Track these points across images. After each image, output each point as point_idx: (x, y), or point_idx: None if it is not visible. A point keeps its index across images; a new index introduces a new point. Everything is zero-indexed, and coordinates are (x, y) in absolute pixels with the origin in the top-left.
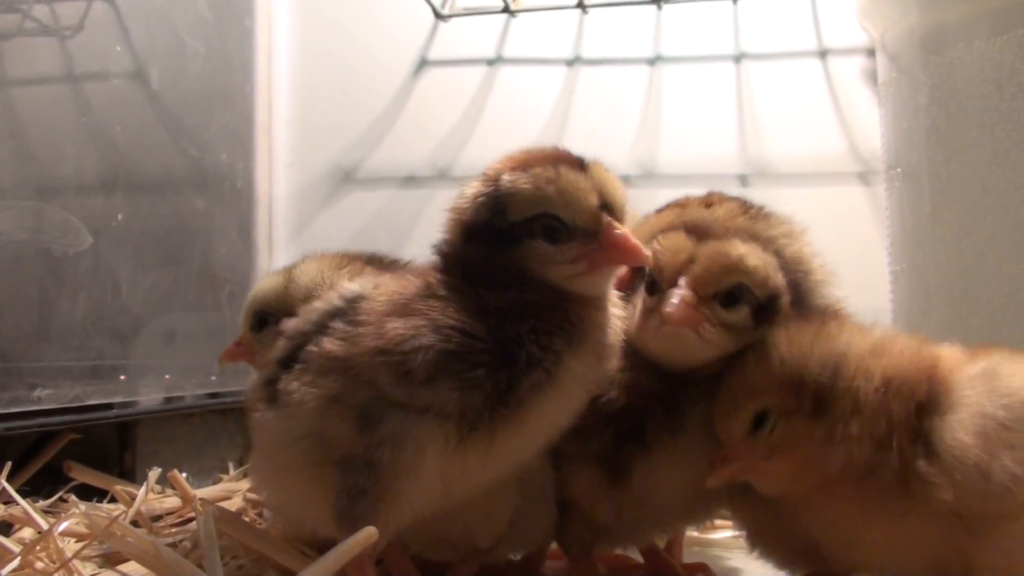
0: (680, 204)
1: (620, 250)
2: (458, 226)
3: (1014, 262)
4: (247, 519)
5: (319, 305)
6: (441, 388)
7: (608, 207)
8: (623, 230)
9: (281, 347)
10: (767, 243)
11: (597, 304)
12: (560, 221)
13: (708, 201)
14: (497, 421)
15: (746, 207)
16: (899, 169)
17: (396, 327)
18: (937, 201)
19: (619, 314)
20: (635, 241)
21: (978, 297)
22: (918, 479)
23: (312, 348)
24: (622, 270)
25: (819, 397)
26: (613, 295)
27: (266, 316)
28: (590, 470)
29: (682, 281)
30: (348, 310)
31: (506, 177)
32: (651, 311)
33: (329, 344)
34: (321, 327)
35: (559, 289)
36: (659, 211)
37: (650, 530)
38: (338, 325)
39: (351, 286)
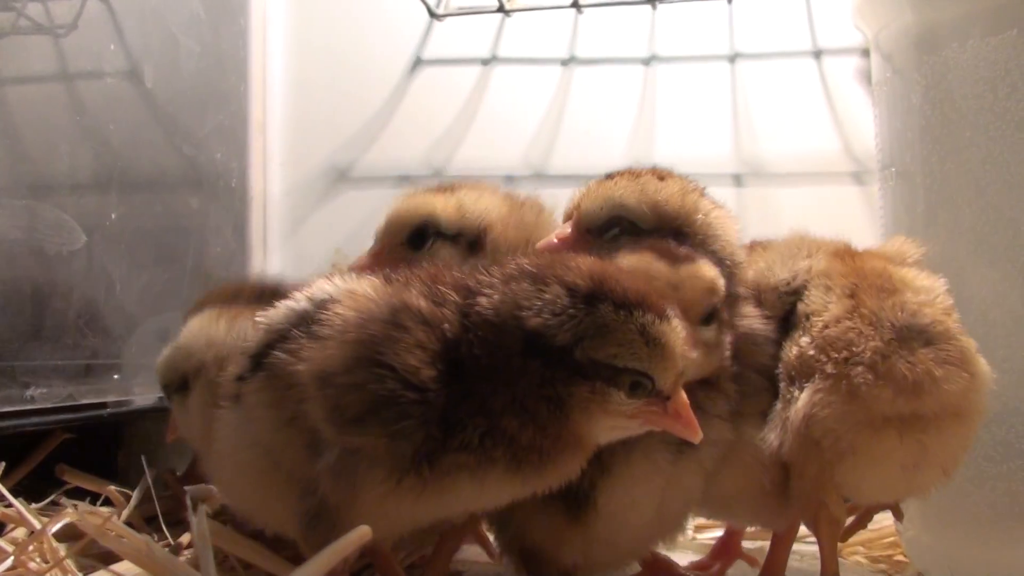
0: None
1: (682, 421)
2: (518, 326)
3: (1007, 262)
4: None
5: (291, 304)
6: (370, 431)
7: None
8: (685, 398)
9: (256, 340)
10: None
11: (588, 451)
12: (651, 380)
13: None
14: (424, 477)
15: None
16: (893, 169)
17: (335, 355)
18: (931, 201)
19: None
20: (692, 415)
21: (971, 296)
22: None
23: (275, 356)
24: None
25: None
26: None
27: (168, 387)
28: (549, 512)
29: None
30: (312, 317)
31: (607, 312)
32: None
33: (286, 357)
34: (287, 331)
35: (576, 433)
36: None
37: (622, 559)
38: (299, 334)
39: (325, 286)
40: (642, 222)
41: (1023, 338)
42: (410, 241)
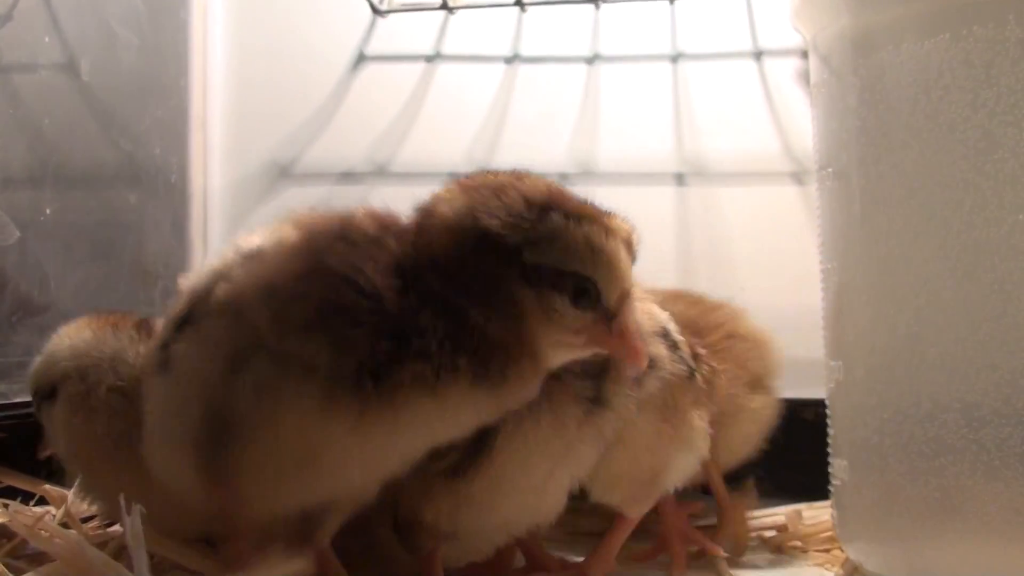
0: None
1: (626, 343)
2: (475, 227)
3: (938, 260)
4: None
5: (214, 262)
6: (313, 338)
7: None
8: (632, 320)
9: (178, 305)
10: None
11: (542, 370)
12: (594, 286)
13: None
14: (367, 393)
15: None
16: (830, 169)
17: (280, 266)
18: (866, 201)
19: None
20: (638, 339)
21: (904, 294)
22: None
23: (204, 305)
24: None
25: None
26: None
27: (36, 395)
28: (430, 471)
29: None
30: (248, 260)
31: (556, 220)
32: None
33: (220, 291)
34: (215, 281)
35: (531, 341)
36: None
37: (495, 529)
38: (235, 273)
39: (253, 239)
40: None
41: (955, 336)
42: None
